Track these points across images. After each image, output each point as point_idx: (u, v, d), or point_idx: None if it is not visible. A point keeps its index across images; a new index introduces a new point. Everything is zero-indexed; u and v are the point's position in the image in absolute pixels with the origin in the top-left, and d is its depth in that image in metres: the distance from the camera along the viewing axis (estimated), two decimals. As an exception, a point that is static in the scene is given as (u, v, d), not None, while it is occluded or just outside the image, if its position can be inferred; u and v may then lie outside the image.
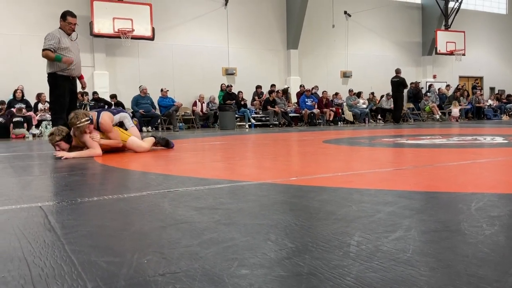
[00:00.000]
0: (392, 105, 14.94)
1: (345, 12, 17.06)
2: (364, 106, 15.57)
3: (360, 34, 17.49)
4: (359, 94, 15.88)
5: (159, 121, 12.52)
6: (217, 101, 14.01)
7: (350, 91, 15.53)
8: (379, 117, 15.99)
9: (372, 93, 16.70)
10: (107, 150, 4.58)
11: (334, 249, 1.17)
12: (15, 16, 11.99)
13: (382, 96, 16.42)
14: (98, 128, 4.55)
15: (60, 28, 5.57)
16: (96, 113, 4.61)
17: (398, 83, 13.98)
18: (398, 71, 14.18)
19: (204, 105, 13.91)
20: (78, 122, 4.31)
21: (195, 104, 13.83)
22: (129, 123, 5.06)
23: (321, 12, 16.53)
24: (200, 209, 1.72)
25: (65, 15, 5.58)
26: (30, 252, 1.21)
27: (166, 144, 4.98)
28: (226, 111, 12.43)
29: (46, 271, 1.06)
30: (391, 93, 14.71)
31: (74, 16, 5.63)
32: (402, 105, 14.94)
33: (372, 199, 1.85)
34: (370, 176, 2.62)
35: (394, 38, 18.26)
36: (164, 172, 2.99)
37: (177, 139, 7.19)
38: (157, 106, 12.73)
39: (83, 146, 4.47)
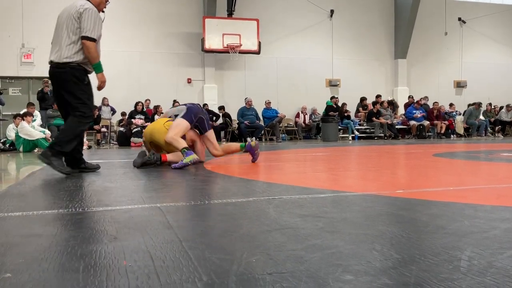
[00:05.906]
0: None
1: (459, 19, 16.03)
2: (482, 118, 14.41)
3: (476, 41, 16.29)
4: (479, 105, 14.69)
5: (262, 132, 12.87)
6: (320, 112, 13.99)
7: (476, 104, 14.25)
8: (497, 130, 14.67)
9: (490, 104, 15.40)
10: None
11: (443, 263, 1.13)
12: (135, 35, 13.21)
13: (501, 108, 15.06)
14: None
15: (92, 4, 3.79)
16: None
17: None
18: None
19: (307, 117, 14.00)
20: None
21: (298, 115, 13.98)
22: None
23: (432, 19, 15.72)
24: (304, 216, 1.76)
25: None
26: (152, 246, 1.35)
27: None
28: (328, 123, 12.36)
29: (166, 263, 1.18)
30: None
31: None
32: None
33: (487, 215, 1.73)
34: (485, 191, 2.45)
35: (517, 45, 16.69)
36: (268, 180, 3.09)
37: (280, 150, 7.33)
38: (261, 118, 13.10)
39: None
